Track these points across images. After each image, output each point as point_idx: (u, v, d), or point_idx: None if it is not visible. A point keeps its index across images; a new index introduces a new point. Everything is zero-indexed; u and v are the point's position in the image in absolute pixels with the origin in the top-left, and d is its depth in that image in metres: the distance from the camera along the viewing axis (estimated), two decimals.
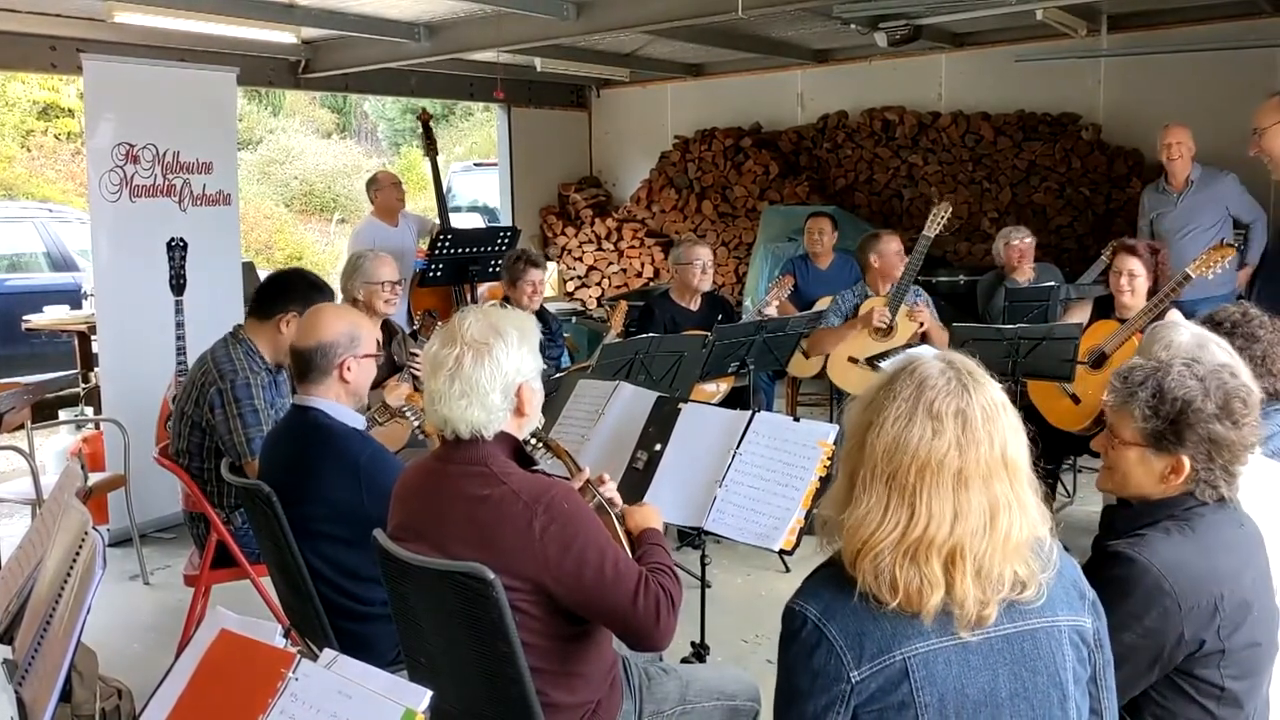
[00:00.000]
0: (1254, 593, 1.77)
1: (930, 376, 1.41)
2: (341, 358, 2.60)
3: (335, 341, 2.60)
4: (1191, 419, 1.78)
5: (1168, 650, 1.71)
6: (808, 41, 7.30)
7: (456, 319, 2.01)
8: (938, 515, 1.36)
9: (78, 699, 2.00)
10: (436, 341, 1.98)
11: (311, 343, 2.60)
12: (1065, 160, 6.84)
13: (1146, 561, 1.71)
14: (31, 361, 7.41)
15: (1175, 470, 1.81)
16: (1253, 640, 1.75)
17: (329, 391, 2.62)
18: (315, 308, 2.79)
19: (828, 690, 1.38)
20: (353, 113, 19.73)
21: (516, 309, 2.22)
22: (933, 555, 1.36)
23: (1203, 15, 6.28)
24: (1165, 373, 1.83)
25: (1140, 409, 1.83)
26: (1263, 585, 1.81)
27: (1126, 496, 1.90)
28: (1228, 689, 1.73)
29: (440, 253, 5.75)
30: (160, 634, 3.86)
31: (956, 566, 1.36)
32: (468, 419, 1.94)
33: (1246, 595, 1.75)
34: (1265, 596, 1.81)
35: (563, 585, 1.87)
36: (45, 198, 12.36)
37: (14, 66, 6.76)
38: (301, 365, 2.61)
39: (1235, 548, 1.80)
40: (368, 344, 2.68)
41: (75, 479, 2.10)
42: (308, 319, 2.71)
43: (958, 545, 1.36)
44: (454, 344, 1.94)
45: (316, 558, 2.48)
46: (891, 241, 4.90)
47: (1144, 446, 1.83)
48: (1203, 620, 1.70)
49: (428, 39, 6.23)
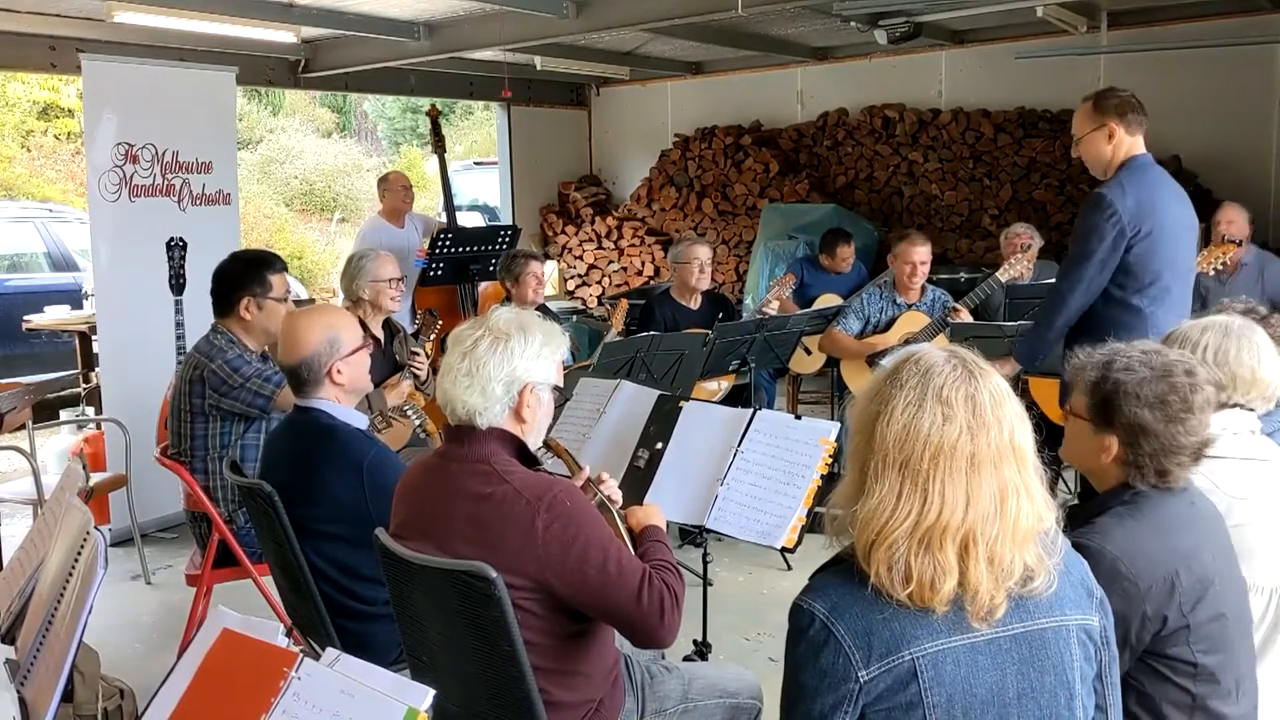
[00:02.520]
0: (1214, 568, 1.79)
1: (936, 365, 1.42)
2: (327, 365, 2.59)
3: (316, 352, 2.59)
4: (1120, 402, 1.81)
5: (1134, 631, 1.74)
6: (807, 39, 7.29)
7: (494, 308, 2.08)
8: (951, 501, 1.36)
9: (80, 699, 2.00)
10: (469, 323, 2.03)
11: (294, 359, 2.60)
12: (1066, 157, 6.83)
13: (1100, 547, 1.74)
14: (32, 361, 7.42)
15: (1105, 450, 1.85)
16: (1217, 613, 1.77)
17: (327, 394, 2.62)
18: (290, 320, 2.74)
19: (835, 689, 1.38)
20: (352, 112, 19.74)
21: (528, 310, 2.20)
22: (947, 542, 1.35)
23: (1202, 11, 6.28)
24: (1122, 354, 1.87)
25: (1085, 383, 1.88)
26: (1224, 560, 1.83)
27: (1080, 470, 1.95)
28: (1201, 664, 1.76)
29: (441, 252, 5.75)
30: (162, 634, 3.86)
31: (969, 553, 1.36)
32: (464, 400, 1.96)
33: (1206, 571, 1.77)
34: (1227, 570, 1.83)
35: (566, 583, 1.87)
36: (45, 198, 12.35)
37: (14, 66, 6.76)
38: (293, 379, 2.63)
39: (1189, 526, 1.82)
40: (350, 341, 2.65)
41: (77, 479, 2.10)
42: (285, 334, 2.66)
43: (970, 530, 1.36)
44: (479, 327, 2.00)
45: (318, 557, 2.48)
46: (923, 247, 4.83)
47: (1085, 420, 1.89)
48: (1162, 598, 1.73)
49: (427, 38, 6.23)
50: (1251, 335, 2.26)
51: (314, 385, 2.61)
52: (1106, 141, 3.21)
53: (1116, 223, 3.08)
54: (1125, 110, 3.20)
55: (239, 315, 3.31)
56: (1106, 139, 3.20)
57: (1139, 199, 3.11)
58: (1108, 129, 3.20)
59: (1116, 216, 3.08)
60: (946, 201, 7.35)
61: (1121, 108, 3.20)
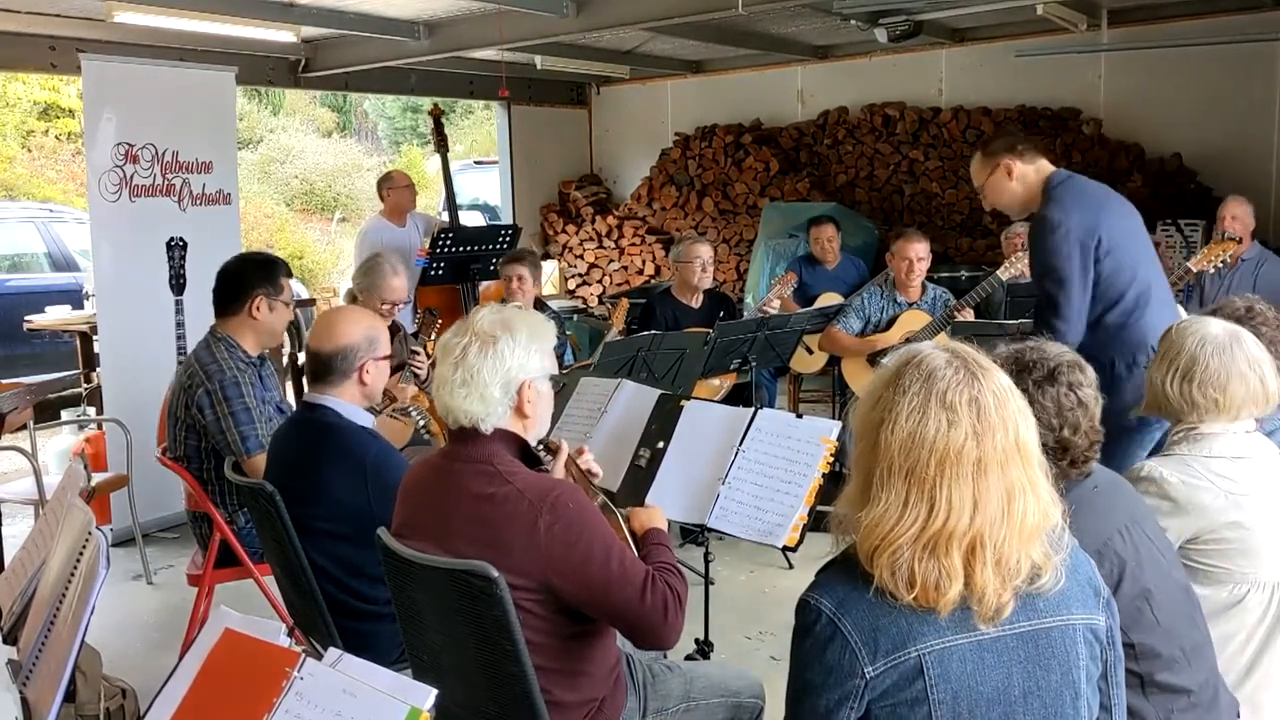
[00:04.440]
0: (1125, 548, 1.80)
1: (938, 368, 1.40)
2: (362, 360, 2.61)
3: (357, 345, 2.60)
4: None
5: None
6: (808, 38, 7.29)
7: (474, 311, 2.05)
8: (958, 506, 1.35)
9: (82, 699, 2.01)
10: (452, 330, 2.01)
11: (331, 346, 2.59)
12: (1066, 155, 6.82)
13: None
14: (33, 362, 7.41)
15: None
16: (1139, 590, 1.78)
17: (345, 393, 2.61)
18: (333, 310, 2.82)
19: (841, 685, 1.37)
20: (353, 112, 19.74)
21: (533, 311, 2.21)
22: (953, 547, 1.35)
23: (1203, 9, 6.27)
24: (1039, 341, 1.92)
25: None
26: (1137, 536, 1.84)
27: None
28: (1136, 643, 1.77)
29: (442, 251, 5.75)
30: (164, 634, 3.86)
31: (976, 556, 1.35)
32: (465, 409, 1.95)
33: (1117, 552, 1.79)
34: (1143, 546, 1.83)
35: (569, 584, 1.87)
36: (46, 198, 12.35)
37: (14, 67, 6.75)
38: (320, 367, 2.60)
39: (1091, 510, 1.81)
40: (385, 346, 2.70)
41: (78, 479, 2.10)
42: (327, 322, 2.70)
43: (978, 535, 1.35)
44: (464, 333, 1.98)
45: (320, 556, 2.48)
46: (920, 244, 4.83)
47: None
48: None
49: (427, 37, 6.23)
50: (1241, 350, 2.16)
51: (339, 378, 2.60)
52: (1008, 179, 3.17)
53: (1074, 236, 3.00)
54: (1013, 145, 3.17)
55: (247, 314, 3.25)
56: (1006, 177, 3.17)
57: (1081, 210, 3.04)
58: (1003, 167, 3.17)
59: (1068, 230, 3.01)
60: (947, 200, 7.34)
61: (1009, 144, 3.18)
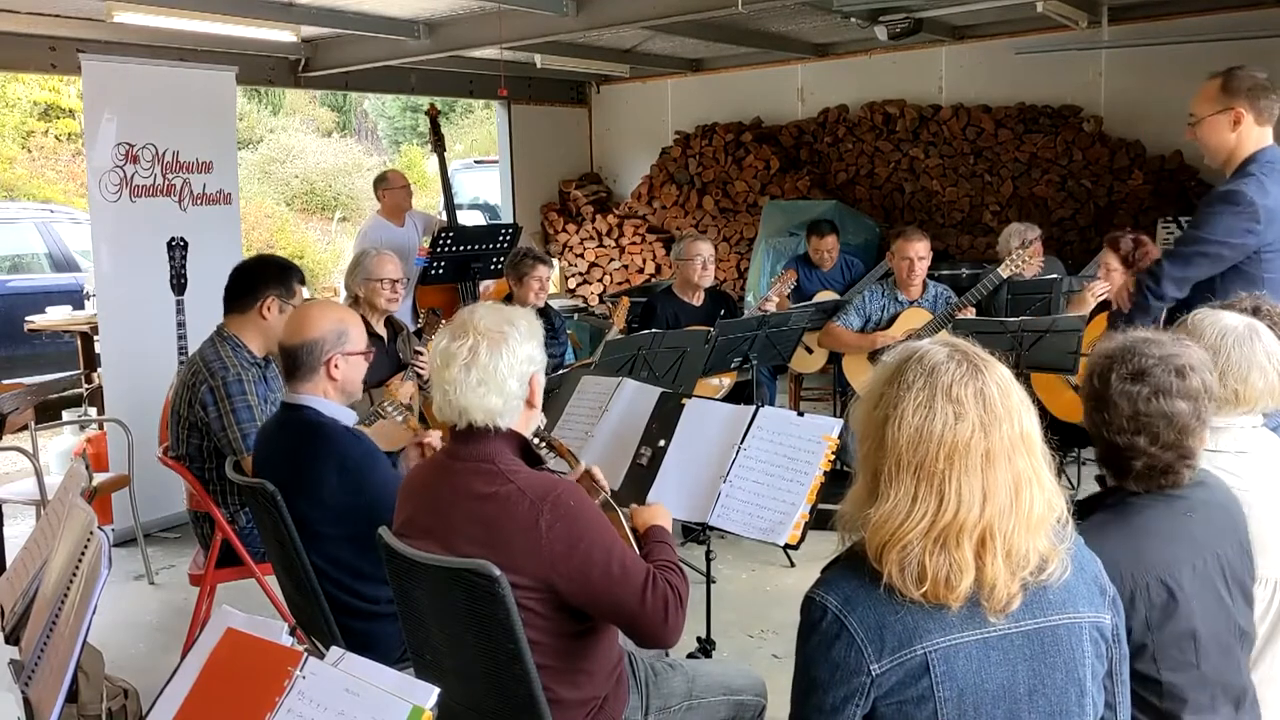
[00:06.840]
0: (1192, 585, 1.72)
1: (940, 363, 1.40)
2: (329, 354, 2.58)
3: (322, 338, 2.58)
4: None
5: None
6: (808, 36, 7.29)
7: (464, 313, 2.02)
8: (968, 499, 1.35)
9: (84, 699, 2.01)
10: (445, 337, 1.98)
11: (298, 340, 2.58)
12: (1067, 153, 6.83)
13: None
14: (34, 362, 7.41)
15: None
16: (1186, 630, 1.70)
17: (317, 388, 2.60)
18: (303, 305, 2.78)
19: (847, 682, 1.37)
20: (353, 111, 19.72)
21: (517, 306, 2.24)
22: (964, 539, 1.35)
23: (1203, 6, 6.26)
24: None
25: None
26: (1213, 569, 1.75)
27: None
28: (1166, 682, 1.71)
29: (442, 251, 5.75)
30: (166, 634, 3.87)
31: (987, 548, 1.35)
32: (485, 406, 1.94)
33: (1181, 586, 1.70)
34: (1212, 584, 1.75)
35: (570, 583, 1.87)
36: (46, 198, 12.34)
37: (14, 67, 6.76)
38: (289, 363, 2.59)
39: (1172, 537, 1.75)
40: (356, 341, 2.66)
41: (80, 479, 2.10)
42: (295, 316, 2.69)
43: (988, 526, 1.35)
44: (466, 335, 1.95)
45: (320, 557, 2.48)
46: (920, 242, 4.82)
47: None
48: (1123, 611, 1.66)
49: (427, 36, 6.22)
50: (1260, 342, 2.14)
51: (308, 373, 2.58)
52: (1232, 128, 2.84)
53: (1252, 226, 2.73)
54: (1258, 95, 2.81)
55: (257, 313, 3.24)
56: (1232, 125, 2.84)
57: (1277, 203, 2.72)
58: (1234, 113, 2.83)
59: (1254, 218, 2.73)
60: (947, 197, 7.34)
61: (1255, 92, 2.82)
